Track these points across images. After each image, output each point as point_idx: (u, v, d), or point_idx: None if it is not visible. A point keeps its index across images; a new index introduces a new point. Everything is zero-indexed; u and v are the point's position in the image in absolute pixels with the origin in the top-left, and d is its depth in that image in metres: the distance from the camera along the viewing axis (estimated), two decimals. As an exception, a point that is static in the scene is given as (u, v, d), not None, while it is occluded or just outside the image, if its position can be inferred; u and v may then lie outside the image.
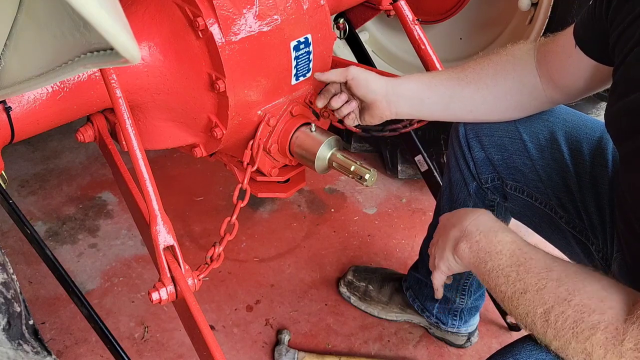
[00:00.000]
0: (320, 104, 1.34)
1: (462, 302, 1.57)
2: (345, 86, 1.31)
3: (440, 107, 1.29)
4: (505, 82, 1.23)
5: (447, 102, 1.28)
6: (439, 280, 1.13)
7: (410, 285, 1.68)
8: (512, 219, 1.45)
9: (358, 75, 1.27)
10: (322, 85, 1.41)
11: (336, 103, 1.32)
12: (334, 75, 1.30)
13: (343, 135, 2.03)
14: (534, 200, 1.29)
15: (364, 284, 1.78)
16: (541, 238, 1.38)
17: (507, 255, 0.95)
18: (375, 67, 1.82)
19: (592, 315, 0.81)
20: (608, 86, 1.06)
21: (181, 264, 1.08)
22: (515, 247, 0.95)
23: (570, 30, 1.14)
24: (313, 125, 1.33)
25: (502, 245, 0.96)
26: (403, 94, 1.28)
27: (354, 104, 1.33)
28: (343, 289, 1.81)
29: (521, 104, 1.25)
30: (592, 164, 1.20)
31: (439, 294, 1.18)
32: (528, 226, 1.38)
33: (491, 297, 1.73)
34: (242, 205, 1.29)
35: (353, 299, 1.78)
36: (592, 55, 1.10)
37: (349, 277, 1.81)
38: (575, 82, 1.16)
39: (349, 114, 1.34)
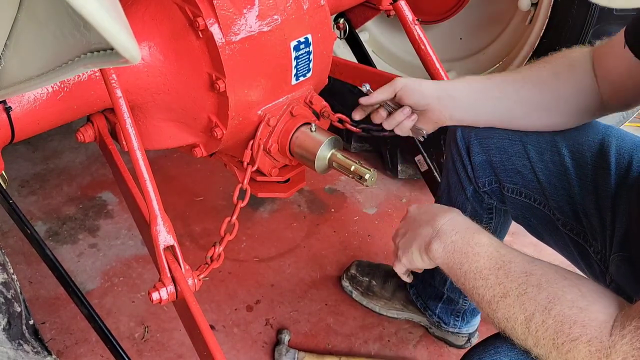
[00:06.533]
0: (357, 117, 1.32)
1: (465, 303, 1.57)
2: (394, 99, 1.25)
3: (498, 110, 1.23)
4: (565, 85, 1.17)
5: (504, 105, 1.22)
6: (399, 270, 1.13)
7: (413, 283, 1.68)
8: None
9: (407, 83, 1.22)
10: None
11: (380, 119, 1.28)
12: (382, 95, 1.25)
13: (343, 135, 2.03)
14: (532, 201, 1.28)
15: (367, 279, 1.78)
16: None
17: (485, 258, 0.93)
18: (375, 67, 1.82)
19: (573, 327, 0.80)
20: None
21: (181, 264, 1.08)
22: (493, 250, 0.94)
23: (622, 31, 1.09)
24: (313, 125, 1.33)
25: (479, 247, 0.95)
26: (457, 97, 1.22)
27: (406, 109, 1.25)
28: (345, 283, 1.80)
29: (578, 109, 1.19)
30: (594, 167, 1.19)
31: (406, 279, 1.17)
32: (525, 228, 1.37)
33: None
34: (242, 205, 1.29)
35: (355, 294, 1.78)
36: None
37: (352, 271, 1.81)
38: (627, 85, 1.11)
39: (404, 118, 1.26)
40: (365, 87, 1.27)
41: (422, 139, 1.29)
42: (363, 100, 1.27)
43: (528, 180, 1.27)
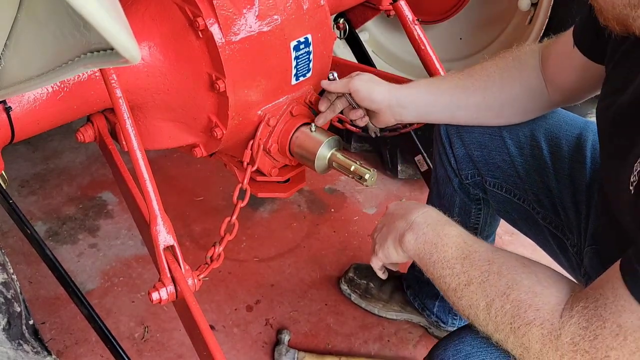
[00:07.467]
0: (322, 107, 1.36)
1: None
2: (350, 96, 1.32)
3: (446, 115, 1.30)
4: (512, 90, 1.22)
5: (452, 111, 1.28)
6: (375, 265, 1.16)
7: (410, 284, 1.68)
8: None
9: (360, 87, 1.28)
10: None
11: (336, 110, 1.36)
12: (338, 88, 1.32)
13: (343, 135, 2.03)
14: (513, 196, 1.31)
15: (365, 282, 1.78)
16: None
17: (452, 248, 0.97)
18: (375, 67, 1.82)
19: (527, 312, 0.83)
20: None
21: (181, 264, 1.08)
22: (460, 240, 0.98)
23: (571, 30, 1.14)
24: (313, 125, 1.33)
25: (448, 238, 0.98)
26: (406, 105, 1.28)
27: (359, 112, 1.34)
28: (344, 286, 1.81)
29: (526, 109, 1.25)
30: (571, 161, 1.22)
31: (381, 275, 1.20)
32: (506, 221, 1.40)
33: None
34: (242, 205, 1.29)
35: (354, 297, 1.78)
36: (590, 55, 1.10)
37: (350, 274, 1.81)
38: (574, 83, 1.16)
39: (357, 118, 1.36)
40: (332, 75, 1.35)
41: (374, 136, 1.46)
42: (323, 82, 1.35)
43: (508, 175, 1.30)
